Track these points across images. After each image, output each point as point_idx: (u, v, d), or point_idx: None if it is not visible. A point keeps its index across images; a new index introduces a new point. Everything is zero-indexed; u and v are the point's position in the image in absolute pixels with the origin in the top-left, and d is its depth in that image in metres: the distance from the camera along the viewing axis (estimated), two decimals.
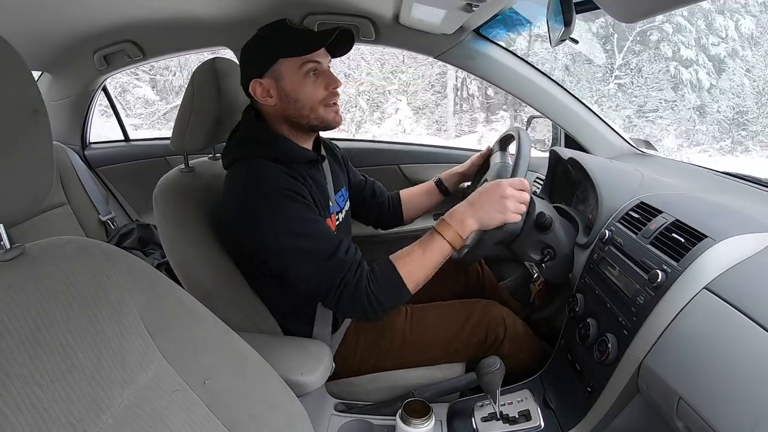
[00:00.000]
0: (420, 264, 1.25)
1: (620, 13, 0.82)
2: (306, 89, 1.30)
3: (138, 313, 0.79)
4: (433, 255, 1.25)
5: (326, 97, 1.33)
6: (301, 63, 1.28)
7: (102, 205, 2.56)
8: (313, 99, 1.31)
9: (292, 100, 1.30)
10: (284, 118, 1.33)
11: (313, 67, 1.30)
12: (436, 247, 1.25)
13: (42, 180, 0.67)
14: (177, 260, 1.36)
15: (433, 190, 1.86)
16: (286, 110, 1.31)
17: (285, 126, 1.34)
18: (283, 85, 1.29)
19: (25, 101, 0.64)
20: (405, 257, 1.26)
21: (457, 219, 1.25)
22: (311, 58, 1.29)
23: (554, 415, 1.36)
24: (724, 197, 1.34)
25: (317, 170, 1.41)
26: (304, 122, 1.33)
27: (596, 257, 1.36)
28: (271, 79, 1.29)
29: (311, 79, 1.30)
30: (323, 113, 1.33)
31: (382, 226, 1.89)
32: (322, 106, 1.33)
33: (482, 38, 2.04)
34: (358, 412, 1.47)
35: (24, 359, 0.61)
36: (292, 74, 1.28)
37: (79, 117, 2.65)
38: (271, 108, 1.32)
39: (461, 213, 1.26)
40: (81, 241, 0.79)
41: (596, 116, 2.04)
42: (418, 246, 1.26)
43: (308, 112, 1.31)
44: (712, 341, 0.92)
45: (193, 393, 0.82)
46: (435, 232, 1.26)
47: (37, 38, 2.10)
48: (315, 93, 1.31)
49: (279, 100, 1.30)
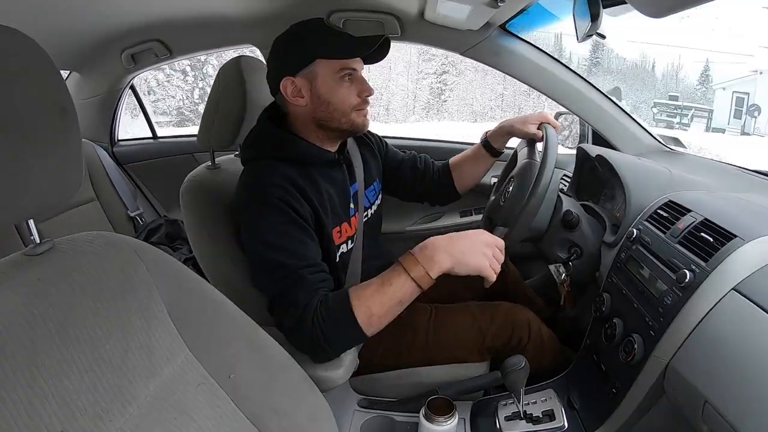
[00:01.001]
0: (375, 300, 1.14)
1: (648, 7, 0.80)
2: (341, 94, 1.29)
3: (165, 307, 0.80)
4: (392, 291, 1.13)
5: (359, 104, 1.32)
6: (340, 67, 1.27)
7: (130, 201, 2.60)
8: (346, 104, 1.30)
9: (325, 103, 1.29)
10: (313, 120, 1.32)
11: (349, 73, 1.29)
12: (397, 283, 1.14)
13: (71, 176, 0.69)
14: (203, 256, 1.38)
15: (482, 153, 1.76)
16: (316, 112, 1.30)
17: (312, 127, 1.33)
18: (317, 86, 1.28)
19: (54, 100, 0.65)
20: (361, 290, 1.16)
21: (427, 255, 1.13)
22: (349, 64, 1.28)
23: (578, 415, 1.34)
24: (753, 196, 1.31)
25: (338, 170, 1.40)
26: (334, 125, 1.32)
27: (623, 256, 1.35)
28: (305, 79, 1.28)
29: (346, 84, 1.29)
30: (354, 118, 1.32)
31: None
32: (355, 112, 1.32)
33: (508, 34, 2.02)
34: (381, 409, 1.47)
35: (52, 351, 0.63)
36: (328, 77, 1.27)
37: (108, 115, 2.69)
38: (300, 108, 1.31)
39: (433, 248, 1.14)
40: (109, 236, 0.80)
41: (624, 113, 2.01)
42: (378, 279, 1.16)
43: (339, 116, 1.30)
44: (741, 344, 0.90)
45: (218, 386, 0.83)
46: (399, 266, 1.15)
47: (66, 38, 2.14)
48: (349, 98, 1.30)
49: (310, 101, 1.29)
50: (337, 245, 1.35)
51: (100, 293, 0.72)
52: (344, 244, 1.38)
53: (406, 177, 1.74)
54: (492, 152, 1.74)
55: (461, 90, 20.91)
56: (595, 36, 1.44)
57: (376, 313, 1.14)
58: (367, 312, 1.13)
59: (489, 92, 20.96)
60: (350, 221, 1.39)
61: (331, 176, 1.36)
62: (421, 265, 1.12)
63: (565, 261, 1.49)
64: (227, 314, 0.93)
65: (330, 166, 1.37)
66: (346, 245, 1.39)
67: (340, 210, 1.36)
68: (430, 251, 1.13)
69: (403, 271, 1.13)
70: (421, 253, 1.14)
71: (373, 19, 2.02)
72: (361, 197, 1.47)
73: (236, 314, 0.95)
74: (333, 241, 1.32)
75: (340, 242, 1.36)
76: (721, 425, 0.86)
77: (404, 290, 1.13)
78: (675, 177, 1.51)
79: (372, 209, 1.54)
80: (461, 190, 1.79)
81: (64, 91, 0.67)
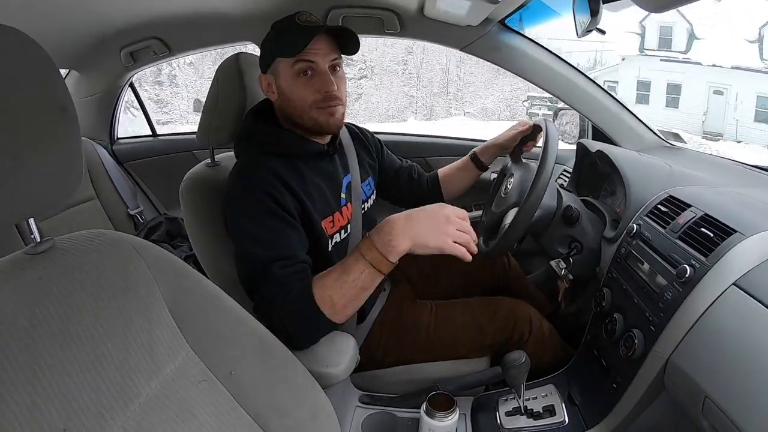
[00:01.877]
0: (336, 290, 1.12)
1: (649, 2, 0.81)
2: (297, 90, 1.28)
3: (166, 304, 0.80)
4: (351, 280, 1.11)
5: (319, 100, 1.28)
6: (294, 62, 1.25)
7: (130, 199, 2.60)
8: (303, 101, 1.28)
9: (287, 99, 1.30)
10: (285, 114, 1.33)
11: (304, 68, 1.26)
12: (356, 271, 1.11)
13: (71, 175, 0.69)
14: (203, 253, 1.38)
15: (469, 166, 1.81)
16: (284, 107, 1.32)
17: (290, 120, 1.34)
18: (279, 83, 1.30)
19: (53, 99, 0.65)
20: (322, 280, 1.15)
21: (383, 239, 1.09)
22: (303, 58, 1.25)
23: (578, 410, 1.35)
24: (754, 191, 1.32)
25: (329, 162, 1.40)
26: (299, 122, 1.31)
27: (624, 251, 1.35)
28: (272, 76, 1.31)
29: (302, 80, 1.27)
30: (315, 115, 1.29)
31: None
32: (315, 109, 1.28)
33: (508, 29, 2.02)
34: (382, 405, 1.47)
35: (54, 349, 0.63)
36: (286, 73, 1.28)
37: (107, 113, 2.69)
38: (276, 103, 1.34)
39: (390, 229, 1.09)
40: (110, 234, 0.80)
41: (624, 108, 2.01)
42: (339, 266, 1.14)
43: (300, 112, 1.29)
44: (741, 339, 0.90)
45: (220, 384, 0.83)
46: (356, 251, 1.13)
47: (65, 37, 2.14)
48: (305, 95, 1.27)
49: (278, 96, 1.32)
50: (330, 235, 1.35)
51: (101, 291, 0.72)
52: (337, 234, 1.38)
53: (403, 185, 1.77)
54: (479, 165, 1.79)
55: (375, 93, 21.98)
56: (594, 31, 1.44)
57: (339, 302, 1.12)
58: (330, 302, 1.12)
59: (402, 96, 22.01)
60: (341, 211, 1.39)
61: (321, 167, 1.36)
62: (377, 250, 1.09)
63: (565, 256, 1.49)
64: (228, 311, 0.93)
65: (319, 157, 1.37)
66: (339, 235, 1.38)
67: (331, 200, 1.36)
68: (387, 236, 1.09)
69: (362, 257, 1.10)
70: (378, 237, 1.10)
71: (372, 15, 2.02)
72: (356, 188, 1.47)
73: (237, 311, 0.95)
74: (325, 232, 1.32)
75: (332, 232, 1.35)
76: (721, 420, 0.86)
77: (364, 277, 1.11)
78: (675, 172, 1.51)
79: (368, 203, 1.54)
80: (447, 198, 1.82)
81: (64, 89, 0.67)
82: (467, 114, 21.41)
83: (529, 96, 20.73)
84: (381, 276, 1.12)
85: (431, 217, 1.11)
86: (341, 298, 1.12)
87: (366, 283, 1.12)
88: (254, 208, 1.20)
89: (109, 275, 0.74)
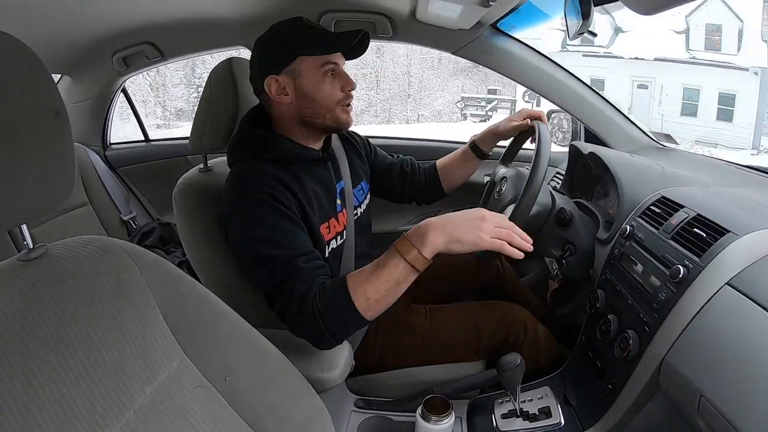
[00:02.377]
0: (371, 283, 1.13)
1: (639, 4, 0.81)
2: (324, 89, 1.29)
3: (160, 310, 0.80)
4: (386, 274, 1.12)
5: (343, 99, 1.32)
6: (322, 63, 1.27)
7: (123, 204, 2.58)
8: (330, 99, 1.31)
9: (309, 99, 1.29)
10: (298, 117, 1.32)
11: (332, 68, 1.29)
12: (391, 265, 1.12)
13: (64, 181, 0.68)
14: (196, 258, 1.38)
15: (469, 155, 1.78)
16: (301, 109, 1.30)
17: (296, 125, 1.33)
18: (300, 83, 1.28)
19: (46, 104, 0.65)
20: (357, 274, 1.16)
21: (420, 234, 1.12)
22: (331, 59, 1.28)
23: (574, 412, 1.35)
24: (746, 191, 1.32)
25: (323, 168, 1.40)
26: (319, 122, 1.32)
27: (617, 253, 1.35)
28: (289, 77, 1.28)
29: (329, 80, 1.30)
30: (339, 113, 1.33)
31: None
32: (339, 107, 1.32)
33: (500, 33, 2.03)
34: (378, 409, 1.47)
35: (48, 356, 0.62)
36: (311, 73, 1.28)
37: (100, 118, 2.68)
38: (285, 107, 1.31)
39: (426, 227, 1.12)
40: (103, 240, 0.80)
41: (616, 110, 2.02)
42: (373, 263, 1.16)
43: (324, 111, 1.31)
44: (735, 338, 0.91)
45: (215, 389, 0.82)
46: (393, 249, 1.15)
47: (57, 42, 2.13)
48: (333, 93, 1.31)
49: (295, 98, 1.29)
50: (327, 241, 1.34)
51: (95, 298, 0.71)
52: (333, 240, 1.38)
53: (395, 181, 1.76)
54: (479, 154, 1.76)
55: None
56: (586, 34, 1.45)
57: (372, 297, 1.13)
58: (364, 296, 1.12)
59: (360, 101, 22.42)
60: (338, 217, 1.39)
61: (316, 173, 1.36)
62: (413, 245, 1.11)
63: (559, 258, 1.49)
64: (222, 317, 0.93)
65: (315, 163, 1.37)
66: (335, 241, 1.38)
67: (327, 206, 1.36)
68: (423, 230, 1.12)
69: (397, 253, 1.13)
70: (414, 233, 1.13)
71: (365, 19, 2.03)
72: (348, 194, 1.47)
73: (231, 316, 0.95)
74: (322, 237, 1.32)
75: (329, 238, 1.35)
76: (716, 419, 0.86)
77: (398, 272, 1.12)
78: (667, 173, 1.52)
79: (361, 208, 1.54)
80: (447, 190, 1.81)
81: (56, 94, 0.67)
82: (421, 117, 21.48)
83: (462, 97, 20.89)
84: (415, 273, 1.13)
85: (466, 216, 1.14)
86: (375, 292, 1.13)
87: (400, 278, 1.13)
88: (260, 212, 1.19)
89: (103, 281, 0.74)
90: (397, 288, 1.14)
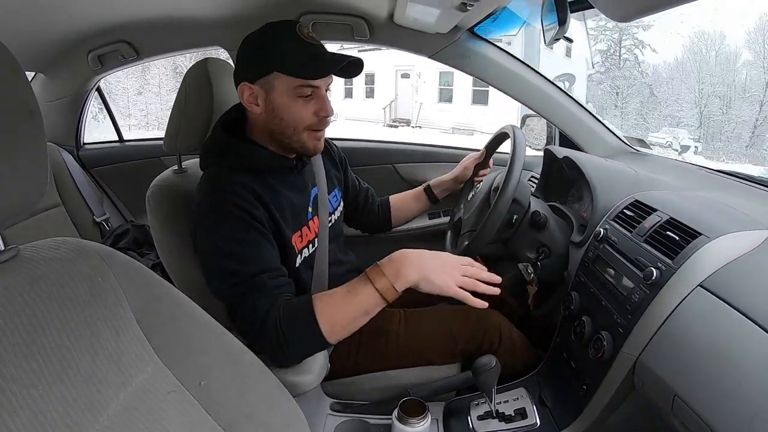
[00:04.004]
0: (340, 309, 1.14)
1: (615, 12, 0.82)
2: (294, 110, 1.24)
3: (134, 314, 0.79)
4: (357, 301, 1.13)
5: (314, 124, 1.27)
6: (298, 84, 1.21)
7: (96, 206, 2.54)
8: (299, 122, 1.25)
9: (278, 117, 1.25)
10: (266, 129, 1.29)
11: (308, 92, 1.23)
12: (362, 294, 1.13)
13: (36, 181, 0.67)
14: (170, 261, 1.36)
15: (422, 197, 1.85)
16: (269, 123, 1.26)
17: (266, 136, 1.30)
18: (272, 98, 1.23)
19: (20, 103, 0.64)
20: (326, 297, 1.16)
21: (394, 267, 1.13)
22: (310, 83, 1.22)
23: (550, 413, 1.36)
24: (718, 195, 1.34)
25: (297, 176, 1.38)
26: (285, 141, 1.28)
27: (591, 255, 1.37)
28: (262, 89, 1.23)
29: (301, 102, 1.23)
30: (305, 139, 1.28)
31: (369, 231, 1.89)
32: (307, 132, 1.27)
33: (477, 37, 2.04)
34: (354, 412, 1.47)
35: (20, 361, 0.61)
36: (285, 92, 1.22)
37: (73, 118, 2.64)
38: (256, 116, 1.28)
39: (401, 261, 1.14)
40: (76, 242, 0.79)
41: (591, 115, 2.05)
42: (344, 288, 1.16)
43: (291, 133, 1.26)
44: (707, 338, 0.92)
45: (189, 394, 0.81)
46: (365, 277, 1.15)
47: (31, 39, 2.09)
48: (303, 117, 1.25)
49: (265, 111, 1.25)
50: (299, 250, 1.33)
51: (68, 301, 0.70)
52: (306, 248, 1.37)
53: (359, 205, 1.79)
54: (431, 198, 1.84)
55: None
56: (562, 39, 1.46)
57: (339, 323, 1.14)
58: (331, 321, 1.13)
59: None
60: (309, 225, 1.38)
61: (290, 181, 1.34)
62: (386, 277, 1.12)
63: (533, 261, 1.51)
64: (197, 321, 0.92)
65: (288, 171, 1.34)
66: (307, 249, 1.38)
67: (300, 214, 1.35)
68: (398, 264, 1.13)
69: (369, 282, 1.13)
70: (389, 265, 1.14)
71: (342, 21, 2.03)
72: (323, 200, 1.46)
73: (206, 320, 0.94)
74: (294, 246, 1.31)
75: (301, 247, 1.34)
76: (690, 418, 0.87)
77: (369, 302, 1.13)
78: (641, 177, 1.54)
79: (335, 215, 1.54)
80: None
81: (30, 93, 0.65)
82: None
83: None
84: (384, 304, 1.14)
85: (441, 259, 1.17)
86: (343, 318, 1.14)
87: (369, 307, 1.14)
88: (229, 224, 1.17)
89: (75, 284, 0.72)
90: (365, 317, 1.16)
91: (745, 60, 17.73)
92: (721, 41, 18.09)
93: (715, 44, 18.13)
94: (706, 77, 17.97)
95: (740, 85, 17.49)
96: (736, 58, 17.92)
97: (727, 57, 17.97)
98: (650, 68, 21.05)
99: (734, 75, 17.72)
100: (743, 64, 17.72)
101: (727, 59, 17.95)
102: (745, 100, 17.30)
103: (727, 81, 17.76)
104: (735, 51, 17.98)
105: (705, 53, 18.27)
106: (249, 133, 1.33)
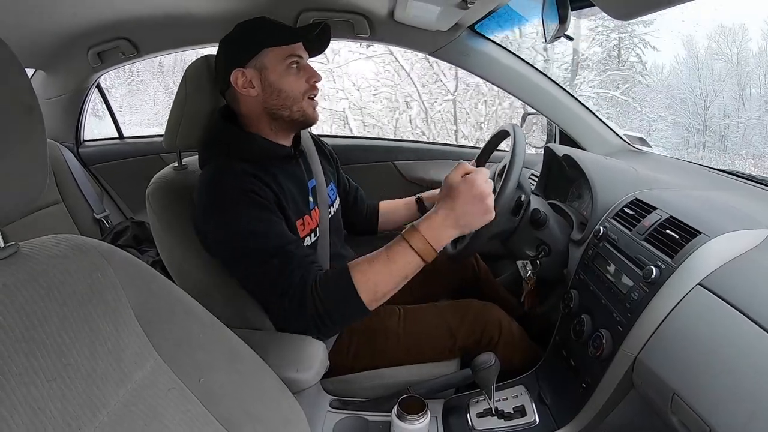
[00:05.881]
0: (380, 275, 1.15)
1: (616, 10, 0.82)
2: (290, 80, 1.31)
3: (133, 311, 0.79)
4: (397, 266, 1.15)
5: (308, 90, 1.34)
6: (286, 55, 1.30)
7: (96, 203, 2.54)
8: (296, 90, 1.32)
9: (276, 91, 1.30)
10: (266, 111, 1.32)
11: (296, 60, 1.31)
12: (402, 257, 1.15)
13: (36, 178, 0.67)
14: (170, 258, 1.36)
15: (413, 207, 1.84)
16: (268, 101, 1.31)
17: (265, 120, 1.34)
18: (266, 75, 1.29)
19: (19, 99, 0.63)
20: (364, 264, 1.17)
21: (433, 229, 1.15)
22: (295, 51, 1.31)
23: (549, 410, 1.36)
24: (718, 194, 1.35)
25: (295, 165, 1.41)
26: (286, 114, 1.33)
27: (591, 253, 1.37)
28: (255, 70, 1.29)
29: (294, 71, 1.32)
30: (305, 106, 1.34)
31: (354, 232, 1.88)
32: (306, 99, 1.34)
33: (477, 35, 2.04)
34: (353, 409, 1.46)
35: (19, 358, 0.61)
36: (277, 65, 1.30)
37: (73, 115, 2.63)
38: (252, 101, 1.31)
39: (440, 222, 1.15)
40: (75, 239, 0.78)
41: (591, 113, 2.05)
42: (383, 253, 1.17)
43: (291, 103, 1.32)
44: (706, 337, 0.93)
45: (189, 391, 0.81)
46: (403, 241, 1.16)
47: (31, 36, 2.09)
48: (298, 85, 1.32)
49: (262, 90, 1.30)
50: (302, 238, 1.34)
51: (67, 298, 0.70)
52: (308, 237, 1.37)
53: (348, 203, 1.79)
54: (421, 209, 1.83)
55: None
56: (563, 38, 1.46)
57: (381, 290, 1.16)
58: (373, 288, 1.15)
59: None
60: (311, 214, 1.39)
61: (288, 170, 1.36)
62: (427, 241, 1.14)
63: (533, 259, 1.50)
64: (197, 317, 0.92)
65: (286, 160, 1.37)
66: (309, 238, 1.38)
67: (300, 203, 1.36)
68: (438, 225, 1.15)
69: (409, 247, 1.15)
70: (428, 230, 1.15)
71: (343, 19, 2.02)
72: (322, 191, 1.47)
73: (206, 317, 0.94)
74: (297, 233, 1.32)
75: (304, 234, 1.35)
76: (689, 416, 0.87)
77: (410, 267, 1.16)
78: (641, 176, 1.54)
79: (334, 207, 1.55)
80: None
81: (30, 90, 0.65)
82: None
83: None
84: (423, 265, 1.17)
85: (471, 202, 1.15)
86: (386, 285, 1.16)
87: (410, 272, 1.16)
88: (241, 207, 1.18)
89: (75, 281, 0.72)
90: (404, 282, 1.18)
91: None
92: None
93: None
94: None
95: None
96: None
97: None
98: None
99: None
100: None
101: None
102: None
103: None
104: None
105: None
106: (244, 125, 1.36)
